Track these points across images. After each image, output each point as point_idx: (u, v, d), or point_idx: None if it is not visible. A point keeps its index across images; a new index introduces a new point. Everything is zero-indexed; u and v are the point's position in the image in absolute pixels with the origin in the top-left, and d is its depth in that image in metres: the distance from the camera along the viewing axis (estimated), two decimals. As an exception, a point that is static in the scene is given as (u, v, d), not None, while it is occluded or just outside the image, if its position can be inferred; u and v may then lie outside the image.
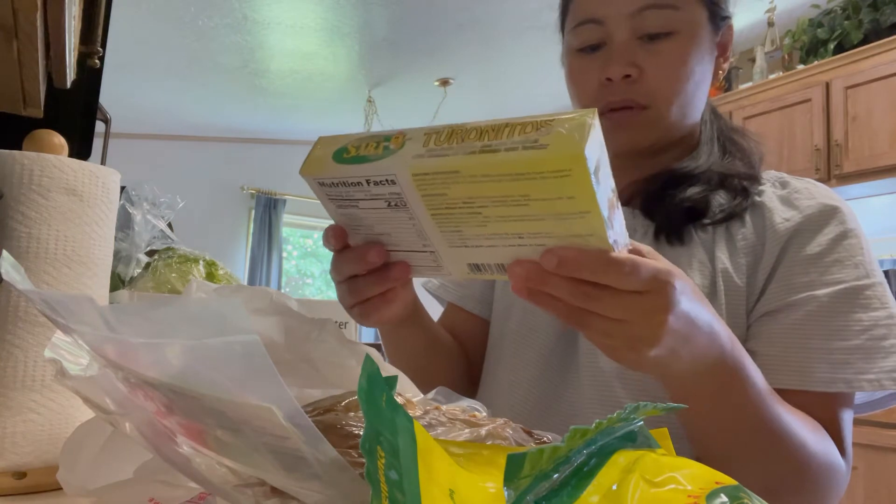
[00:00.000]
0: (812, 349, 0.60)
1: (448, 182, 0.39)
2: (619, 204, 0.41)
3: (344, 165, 0.42)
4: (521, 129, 0.37)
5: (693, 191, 0.69)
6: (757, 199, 0.68)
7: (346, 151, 0.42)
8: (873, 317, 0.60)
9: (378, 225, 0.45)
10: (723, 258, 0.66)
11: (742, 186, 0.69)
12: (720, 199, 0.68)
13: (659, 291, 0.41)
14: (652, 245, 0.69)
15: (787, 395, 0.60)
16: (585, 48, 0.70)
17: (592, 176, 0.35)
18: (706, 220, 0.68)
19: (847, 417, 0.61)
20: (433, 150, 0.39)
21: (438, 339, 0.75)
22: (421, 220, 0.43)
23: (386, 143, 0.41)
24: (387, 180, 0.41)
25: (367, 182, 0.41)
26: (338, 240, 0.48)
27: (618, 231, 0.40)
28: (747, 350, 0.59)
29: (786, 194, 0.68)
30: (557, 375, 0.70)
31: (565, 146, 0.35)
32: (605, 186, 0.38)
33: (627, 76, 0.67)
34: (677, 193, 0.69)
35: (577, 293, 0.41)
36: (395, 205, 0.42)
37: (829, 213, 0.65)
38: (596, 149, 0.36)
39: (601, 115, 0.67)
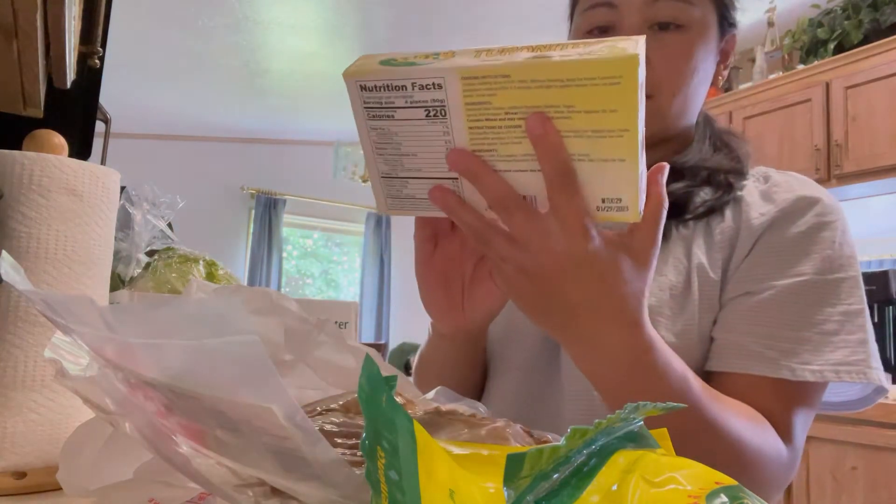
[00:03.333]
0: (761, 335, 0.60)
1: (495, 88, 0.40)
2: (645, 154, 0.43)
3: (391, 68, 0.42)
4: (573, 45, 0.39)
5: (675, 186, 0.69)
6: (739, 193, 0.69)
7: (394, 60, 0.43)
8: (828, 312, 0.60)
9: (407, 143, 0.45)
10: (699, 253, 0.66)
11: (727, 181, 0.69)
12: (703, 195, 0.69)
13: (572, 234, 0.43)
14: None
15: (734, 379, 0.60)
16: (594, 31, 0.70)
17: (640, 90, 0.37)
18: (687, 216, 0.68)
19: (800, 411, 0.61)
20: (485, 59, 0.40)
21: (481, 360, 0.76)
22: (455, 137, 0.43)
23: (435, 55, 0.42)
24: (434, 84, 0.41)
25: (413, 86, 0.41)
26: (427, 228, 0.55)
27: (642, 173, 0.42)
28: (712, 338, 0.63)
29: (766, 188, 0.68)
30: (542, 379, 0.70)
31: (619, 53, 0.37)
32: (642, 117, 0.39)
33: None
34: None
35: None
36: (434, 115, 0.42)
37: (805, 205, 0.65)
38: (642, 71, 0.38)
39: None
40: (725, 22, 0.71)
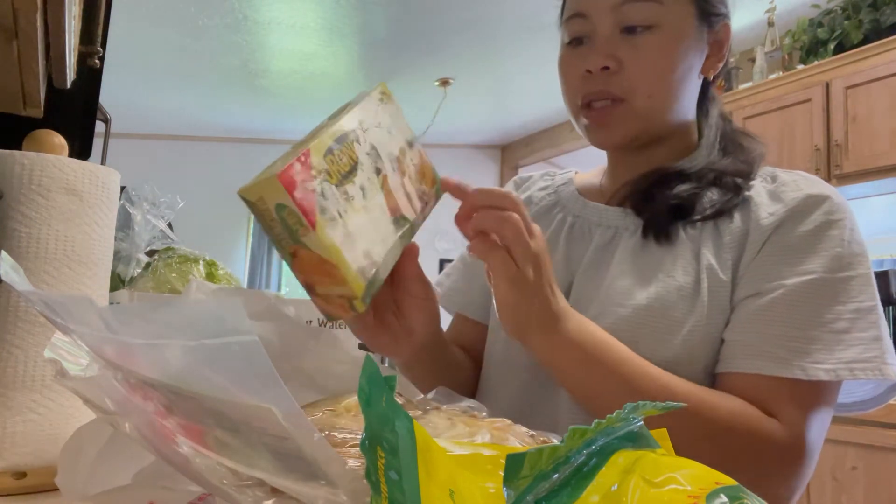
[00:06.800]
0: (771, 335, 0.60)
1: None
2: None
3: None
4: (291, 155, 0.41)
5: (682, 188, 0.69)
6: (747, 194, 0.68)
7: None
8: (838, 310, 0.60)
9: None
10: (708, 255, 0.66)
11: (735, 183, 0.69)
12: (711, 197, 0.68)
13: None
14: (639, 243, 0.69)
15: (745, 379, 0.60)
16: (573, 41, 0.72)
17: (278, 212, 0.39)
18: (695, 217, 0.68)
19: (813, 411, 0.60)
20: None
21: (455, 359, 0.76)
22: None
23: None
24: None
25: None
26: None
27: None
28: (722, 340, 0.64)
29: (774, 188, 0.68)
30: (545, 380, 0.70)
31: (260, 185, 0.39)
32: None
33: (606, 68, 0.68)
34: (666, 191, 0.69)
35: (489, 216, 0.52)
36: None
37: (813, 204, 0.64)
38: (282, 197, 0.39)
39: (582, 108, 0.71)
40: (708, 14, 0.71)
